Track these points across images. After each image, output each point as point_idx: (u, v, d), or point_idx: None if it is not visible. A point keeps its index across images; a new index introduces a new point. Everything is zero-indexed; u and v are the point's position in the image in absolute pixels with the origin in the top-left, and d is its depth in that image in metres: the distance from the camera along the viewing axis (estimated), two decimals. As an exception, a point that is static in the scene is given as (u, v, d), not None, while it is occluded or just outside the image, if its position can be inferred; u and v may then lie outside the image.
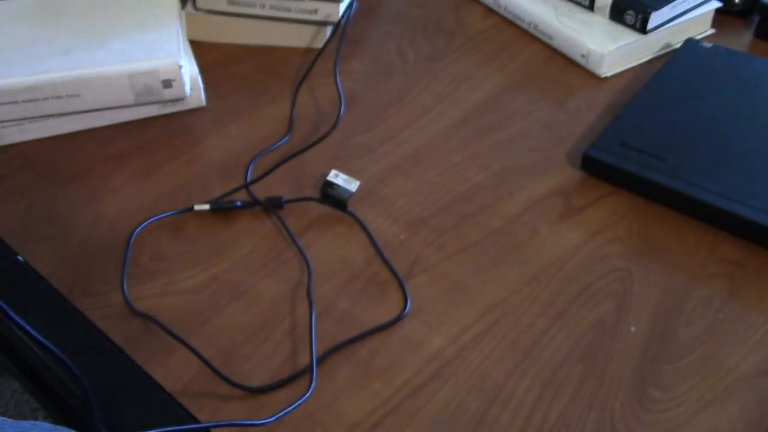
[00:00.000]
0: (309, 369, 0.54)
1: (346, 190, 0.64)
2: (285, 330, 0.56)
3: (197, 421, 0.51)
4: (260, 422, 0.50)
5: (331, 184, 0.65)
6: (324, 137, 0.68)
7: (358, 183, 0.65)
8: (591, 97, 0.80)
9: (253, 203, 0.66)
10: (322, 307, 0.58)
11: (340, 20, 0.84)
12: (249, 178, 0.69)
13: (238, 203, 0.65)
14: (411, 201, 0.67)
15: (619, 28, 0.84)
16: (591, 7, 0.87)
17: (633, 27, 0.83)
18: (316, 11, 0.83)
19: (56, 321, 0.57)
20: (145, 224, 0.64)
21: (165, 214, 0.65)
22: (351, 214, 0.66)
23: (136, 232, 0.64)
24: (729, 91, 0.75)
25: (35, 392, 0.62)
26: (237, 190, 0.67)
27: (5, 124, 0.71)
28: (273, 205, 0.66)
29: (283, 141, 0.73)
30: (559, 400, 0.52)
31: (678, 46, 0.83)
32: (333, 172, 0.66)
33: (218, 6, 0.83)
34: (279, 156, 0.72)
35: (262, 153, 0.71)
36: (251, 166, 0.70)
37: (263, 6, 0.83)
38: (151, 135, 0.74)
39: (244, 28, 0.85)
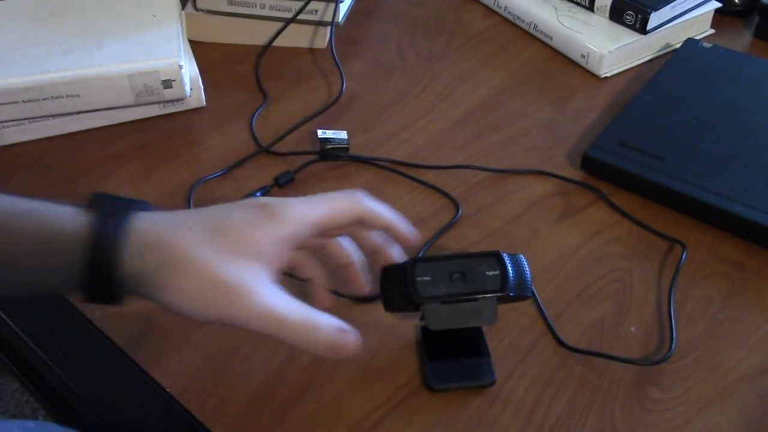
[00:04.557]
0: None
1: (342, 140, 0.71)
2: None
3: (197, 421, 0.51)
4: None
5: (326, 140, 0.71)
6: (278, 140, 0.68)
7: (345, 132, 0.72)
8: (591, 97, 0.80)
9: (268, 187, 0.68)
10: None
11: (333, 19, 0.84)
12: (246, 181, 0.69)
13: (258, 194, 0.67)
14: (411, 201, 0.67)
15: (619, 28, 0.84)
16: (591, 7, 0.87)
17: (633, 27, 0.83)
18: (316, 11, 0.83)
19: (56, 321, 0.57)
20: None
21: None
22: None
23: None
24: (729, 91, 0.75)
25: (35, 392, 0.62)
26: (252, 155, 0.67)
27: (5, 124, 0.71)
28: (285, 181, 0.68)
29: (283, 140, 0.73)
30: (559, 400, 0.52)
31: (678, 46, 0.84)
32: (319, 131, 0.72)
33: (218, 6, 0.83)
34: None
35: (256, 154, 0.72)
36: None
37: (263, 6, 0.83)
38: (151, 135, 0.74)
39: (244, 28, 0.85)
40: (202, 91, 0.76)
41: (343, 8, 0.85)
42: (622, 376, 0.54)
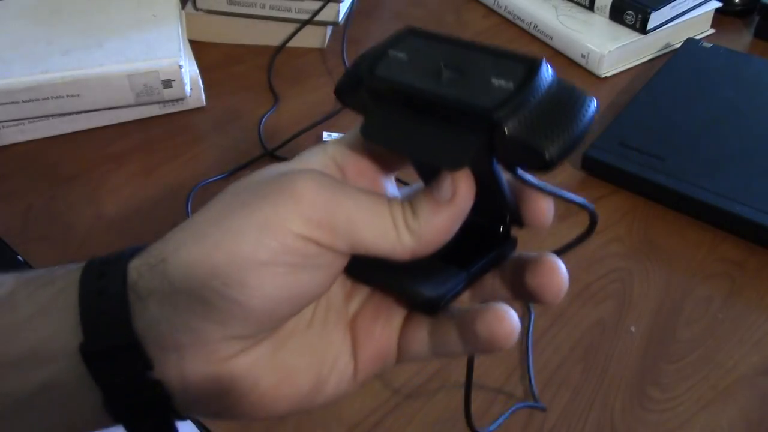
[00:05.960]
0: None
1: None
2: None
3: (197, 421, 0.51)
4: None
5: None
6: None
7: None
8: (591, 97, 0.80)
9: None
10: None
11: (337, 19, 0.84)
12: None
13: None
14: (411, 201, 0.67)
15: (619, 28, 0.84)
16: (591, 7, 0.87)
17: (633, 27, 0.83)
18: (316, 11, 0.83)
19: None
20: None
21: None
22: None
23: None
24: (729, 91, 0.75)
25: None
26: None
27: (5, 124, 0.71)
28: None
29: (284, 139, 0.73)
30: (559, 400, 0.52)
31: (678, 46, 0.84)
32: (325, 133, 0.70)
33: (218, 6, 0.83)
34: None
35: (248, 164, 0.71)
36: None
37: (263, 6, 0.83)
38: (151, 135, 0.74)
39: (244, 28, 0.85)
40: (202, 91, 0.76)
41: (343, 8, 0.85)
42: (622, 375, 0.54)
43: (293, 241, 0.26)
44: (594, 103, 0.28)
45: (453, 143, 0.27)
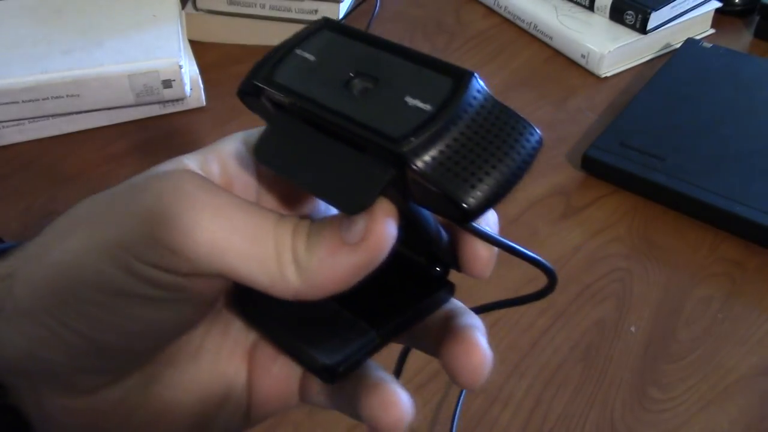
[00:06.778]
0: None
1: None
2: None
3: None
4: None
5: None
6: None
7: None
8: (591, 97, 0.80)
9: None
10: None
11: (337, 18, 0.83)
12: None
13: None
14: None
15: (619, 28, 0.84)
16: (591, 7, 0.87)
17: (633, 27, 0.83)
18: (316, 11, 0.83)
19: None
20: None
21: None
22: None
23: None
24: (729, 91, 0.75)
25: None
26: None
27: (5, 124, 0.71)
28: None
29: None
30: (559, 400, 0.52)
31: (678, 46, 0.84)
32: None
33: (218, 6, 0.83)
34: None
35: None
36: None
37: (263, 6, 0.83)
38: (151, 135, 0.74)
39: (244, 28, 0.85)
40: (202, 91, 0.76)
41: (343, 8, 0.85)
42: (622, 376, 0.54)
43: (142, 270, 0.21)
44: (537, 135, 0.22)
45: (356, 178, 0.21)
